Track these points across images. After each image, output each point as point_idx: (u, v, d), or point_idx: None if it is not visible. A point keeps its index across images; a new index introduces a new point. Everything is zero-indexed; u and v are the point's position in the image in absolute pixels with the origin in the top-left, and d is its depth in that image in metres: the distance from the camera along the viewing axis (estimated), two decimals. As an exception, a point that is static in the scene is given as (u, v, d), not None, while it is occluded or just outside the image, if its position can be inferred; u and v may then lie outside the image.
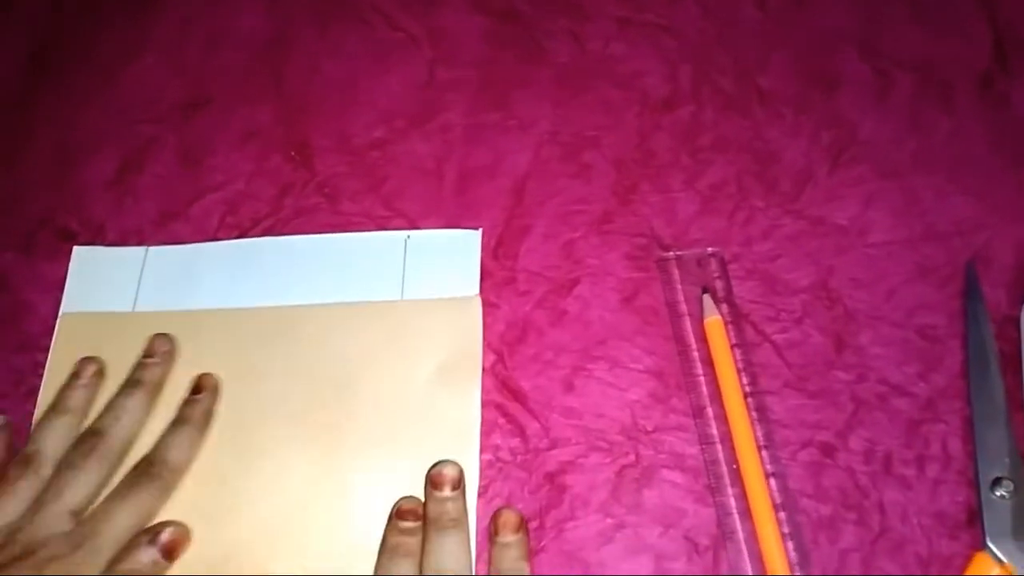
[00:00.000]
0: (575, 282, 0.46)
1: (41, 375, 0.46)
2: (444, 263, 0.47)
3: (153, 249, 0.49)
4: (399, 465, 0.42)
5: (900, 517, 0.40)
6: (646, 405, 0.43)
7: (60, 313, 0.48)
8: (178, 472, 0.41)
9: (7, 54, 0.56)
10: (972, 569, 0.38)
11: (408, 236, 0.48)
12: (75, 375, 0.44)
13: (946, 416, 0.41)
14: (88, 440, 0.41)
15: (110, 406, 0.42)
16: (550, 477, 0.42)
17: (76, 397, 0.43)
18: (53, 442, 0.41)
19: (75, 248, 0.49)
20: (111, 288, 0.48)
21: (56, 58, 0.56)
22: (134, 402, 0.43)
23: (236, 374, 0.45)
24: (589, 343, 0.45)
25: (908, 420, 0.42)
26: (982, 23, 0.52)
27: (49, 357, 0.47)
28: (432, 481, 0.40)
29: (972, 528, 0.39)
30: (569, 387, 0.44)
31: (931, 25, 0.52)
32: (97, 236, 0.50)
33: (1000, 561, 0.37)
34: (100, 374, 0.45)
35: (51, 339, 0.47)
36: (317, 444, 0.43)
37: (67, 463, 0.40)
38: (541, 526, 0.41)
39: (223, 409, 0.44)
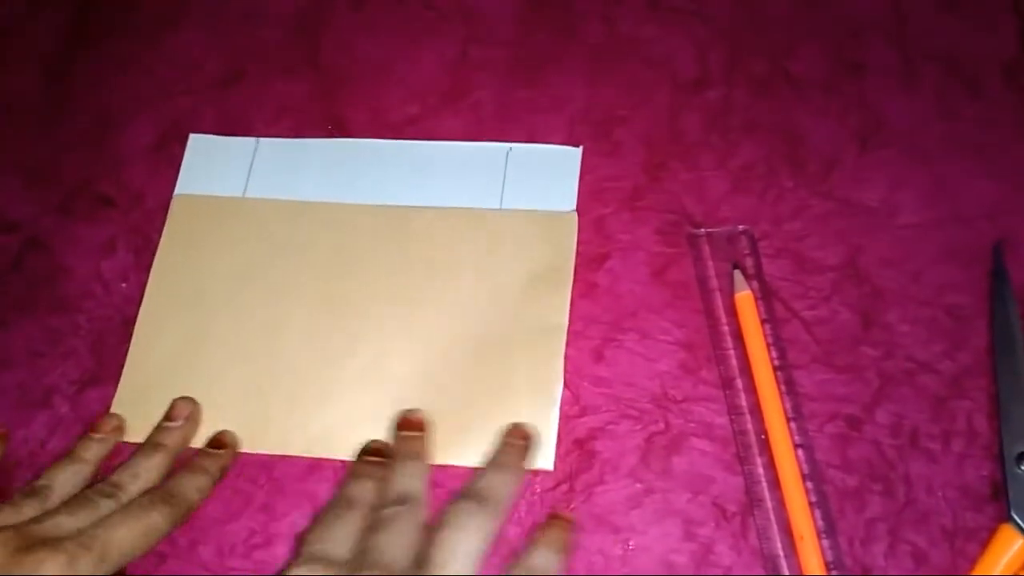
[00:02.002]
0: (606, 256, 0.47)
1: (81, 336, 0.47)
2: (543, 177, 0.49)
3: (264, 140, 0.52)
4: (489, 369, 0.44)
5: (926, 489, 0.40)
6: (676, 376, 0.44)
7: (174, 194, 0.50)
8: (190, 512, 0.41)
9: (48, 20, 0.57)
10: (997, 540, 0.39)
11: (510, 148, 0.50)
12: (92, 428, 0.44)
13: (972, 393, 0.42)
14: (105, 488, 0.41)
15: (129, 464, 0.42)
16: (580, 443, 0.43)
17: (92, 449, 0.43)
18: (64, 484, 0.41)
19: (191, 135, 0.52)
20: (222, 175, 0.51)
21: (95, 26, 0.56)
22: (152, 463, 0.42)
23: (342, 265, 0.48)
24: (620, 315, 0.45)
25: (934, 396, 0.42)
26: (1008, 15, 0.53)
27: (162, 237, 0.49)
28: (399, 424, 0.43)
29: (997, 501, 0.40)
30: (599, 357, 0.44)
31: (957, 14, 0.53)
32: (135, 203, 0.50)
33: (1025, 532, 0.38)
34: (118, 430, 0.44)
35: (89, 301, 0.48)
36: (416, 342, 0.46)
37: (82, 497, 0.40)
38: (571, 489, 0.41)
39: (329, 296, 0.47)
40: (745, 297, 0.44)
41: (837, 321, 0.44)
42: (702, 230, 0.47)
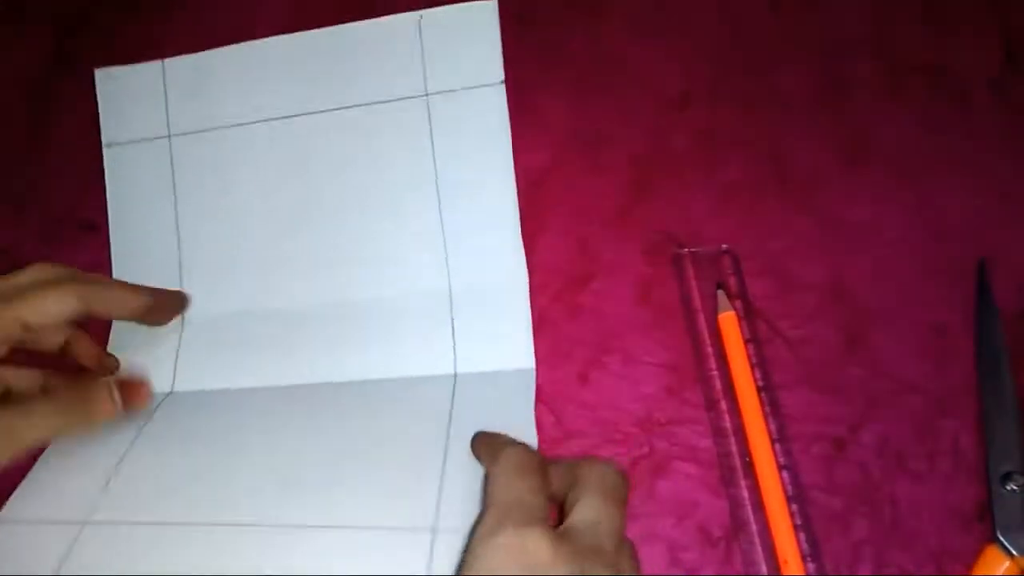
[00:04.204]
0: (591, 277, 0.47)
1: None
2: (463, 42, 0.46)
3: (169, 61, 0.49)
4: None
5: (911, 511, 0.40)
6: (660, 398, 0.44)
7: (104, 144, 0.48)
8: None
9: (33, 44, 0.57)
10: (983, 562, 0.38)
11: (421, 16, 0.47)
12: None
13: (957, 412, 0.42)
14: None
15: None
16: (565, 468, 0.42)
17: None
18: None
19: (96, 71, 0.50)
20: (142, 112, 0.48)
21: (79, 50, 0.56)
22: None
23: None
24: (604, 337, 0.45)
25: (920, 416, 0.42)
26: (993, 29, 0.52)
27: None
28: None
29: (983, 522, 0.39)
30: (584, 380, 0.44)
31: (943, 30, 0.52)
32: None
33: (1010, 554, 0.38)
34: None
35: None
36: None
37: None
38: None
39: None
40: (728, 317, 0.44)
41: (821, 340, 0.44)
42: (685, 250, 0.47)
